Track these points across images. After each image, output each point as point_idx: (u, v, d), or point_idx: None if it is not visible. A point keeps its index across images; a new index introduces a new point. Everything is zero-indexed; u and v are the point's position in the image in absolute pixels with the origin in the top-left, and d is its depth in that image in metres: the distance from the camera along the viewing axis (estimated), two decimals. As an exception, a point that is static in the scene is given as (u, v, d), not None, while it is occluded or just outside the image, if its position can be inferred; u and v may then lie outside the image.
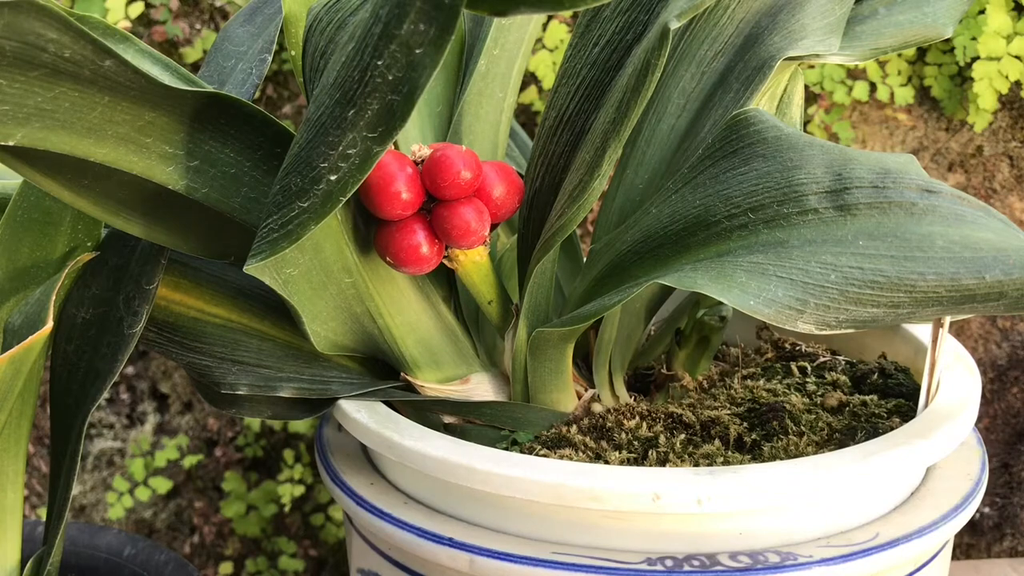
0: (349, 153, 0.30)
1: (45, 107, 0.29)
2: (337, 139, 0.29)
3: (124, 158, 0.32)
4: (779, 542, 0.36)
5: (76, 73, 0.28)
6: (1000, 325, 0.74)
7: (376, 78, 0.28)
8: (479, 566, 0.36)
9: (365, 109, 0.29)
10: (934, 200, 0.34)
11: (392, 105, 0.28)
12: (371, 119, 0.29)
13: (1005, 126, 0.72)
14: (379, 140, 0.29)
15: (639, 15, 0.37)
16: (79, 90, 0.29)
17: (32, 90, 0.28)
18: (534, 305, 0.40)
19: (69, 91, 0.29)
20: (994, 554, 0.78)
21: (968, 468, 0.41)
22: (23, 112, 0.29)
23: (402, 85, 0.28)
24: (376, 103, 0.29)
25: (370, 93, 0.29)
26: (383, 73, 0.28)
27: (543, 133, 0.39)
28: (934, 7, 0.45)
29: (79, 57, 0.28)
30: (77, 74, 0.29)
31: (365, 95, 0.29)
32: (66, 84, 0.29)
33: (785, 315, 0.33)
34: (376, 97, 0.29)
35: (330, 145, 0.30)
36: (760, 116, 0.37)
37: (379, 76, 0.28)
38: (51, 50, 0.27)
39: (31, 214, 0.41)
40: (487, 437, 0.41)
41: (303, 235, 0.32)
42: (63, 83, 0.29)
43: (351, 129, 0.29)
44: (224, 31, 0.43)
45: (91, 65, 0.28)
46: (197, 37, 0.67)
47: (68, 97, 0.29)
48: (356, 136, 0.29)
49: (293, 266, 0.37)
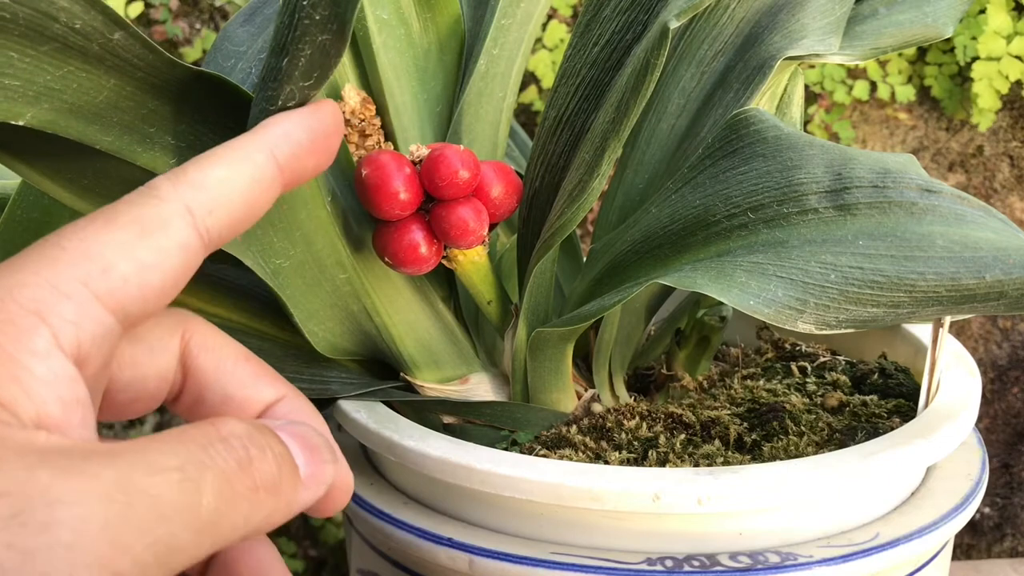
0: (289, 106, 0.30)
1: (54, 86, 0.29)
2: (275, 92, 0.29)
3: (129, 147, 0.32)
4: (779, 542, 0.36)
5: (85, 49, 0.28)
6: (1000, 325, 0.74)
7: (304, 19, 0.28)
8: (479, 566, 0.36)
9: (298, 56, 0.29)
10: (934, 200, 0.34)
11: (325, 45, 0.28)
12: (305, 66, 0.29)
13: (1005, 126, 0.72)
14: (315, 85, 0.29)
15: (639, 15, 0.37)
16: (87, 70, 0.29)
17: (42, 66, 0.28)
18: (534, 305, 0.40)
19: (77, 70, 0.29)
20: (994, 554, 0.78)
21: (968, 468, 0.41)
22: (33, 90, 0.29)
23: (331, 23, 0.28)
24: (308, 47, 0.28)
25: (300, 37, 0.28)
26: (310, 14, 0.28)
27: (542, 133, 0.39)
28: (934, 7, 0.45)
29: (89, 29, 0.28)
30: (86, 50, 0.28)
31: (296, 40, 0.29)
32: (75, 62, 0.29)
33: (785, 315, 0.33)
34: (307, 41, 0.28)
35: (269, 100, 0.29)
36: (760, 116, 0.37)
37: (307, 17, 0.28)
38: (62, 20, 0.27)
39: (31, 213, 0.41)
40: (487, 437, 0.41)
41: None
42: (72, 61, 0.29)
43: (287, 80, 0.29)
44: (224, 31, 0.43)
45: (100, 39, 0.28)
46: (197, 37, 0.67)
47: (76, 77, 0.29)
48: (293, 88, 0.29)
49: (282, 256, 0.36)
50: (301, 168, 0.28)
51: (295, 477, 0.25)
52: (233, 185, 0.27)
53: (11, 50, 0.27)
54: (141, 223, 0.25)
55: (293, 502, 0.25)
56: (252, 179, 0.27)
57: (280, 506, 0.24)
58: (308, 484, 0.25)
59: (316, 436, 0.26)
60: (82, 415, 0.23)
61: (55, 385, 0.22)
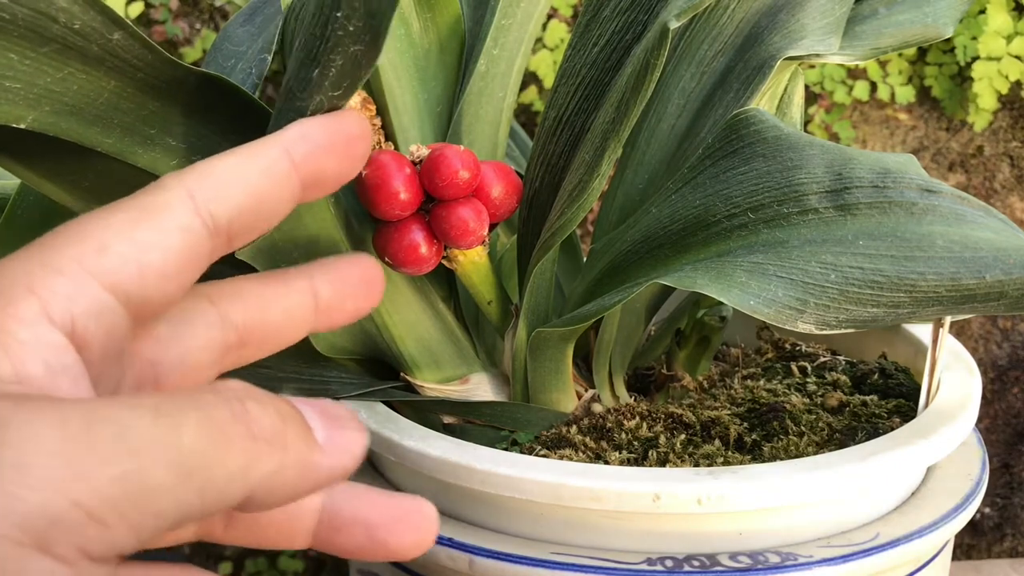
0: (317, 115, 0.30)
1: (55, 88, 0.29)
2: (304, 103, 0.29)
3: (129, 149, 0.32)
4: (779, 542, 0.36)
5: (85, 50, 0.28)
6: (1001, 325, 0.74)
7: (338, 31, 0.28)
8: (479, 566, 0.36)
9: (329, 67, 0.28)
10: (934, 200, 0.34)
11: (357, 56, 0.28)
12: (335, 76, 0.29)
13: (1005, 126, 0.72)
14: (344, 95, 0.29)
15: (639, 15, 0.37)
16: (87, 71, 0.29)
17: (42, 68, 0.28)
18: (534, 305, 0.40)
19: (77, 72, 0.29)
20: (994, 554, 0.78)
21: (968, 468, 0.41)
22: (34, 92, 0.29)
23: (364, 34, 0.28)
24: (340, 58, 0.28)
25: (333, 48, 0.28)
26: (343, 25, 0.28)
27: (542, 133, 0.39)
28: (934, 7, 0.45)
29: (88, 29, 0.28)
30: (86, 51, 0.28)
31: (328, 51, 0.28)
32: (75, 64, 0.29)
33: (785, 315, 0.33)
34: (339, 52, 0.28)
35: (298, 111, 0.29)
36: (760, 116, 0.37)
37: (340, 29, 0.28)
38: (62, 20, 0.27)
39: (31, 213, 0.41)
40: (487, 437, 0.41)
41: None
42: (72, 62, 0.29)
43: (317, 91, 0.29)
44: (224, 31, 0.43)
45: (100, 39, 0.28)
46: (197, 37, 0.67)
47: (76, 79, 0.29)
48: (322, 98, 0.29)
49: (287, 259, 0.36)
50: (319, 169, 0.27)
51: (307, 436, 0.23)
52: (239, 174, 0.26)
53: (11, 52, 0.27)
54: (141, 208, 0.24)
55: (310, 462, 0.23)
56: (261, 171, 0.26)
57: (290, 462, 0.22)
58: (328, 449, 0.23)
59: (338, 407, 0.25)
60: (71, 383, 0.22)
61: (39, 349, 0.22)
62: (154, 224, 0.24)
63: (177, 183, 0.25)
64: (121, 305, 0.24)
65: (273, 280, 0.28)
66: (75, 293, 0.23)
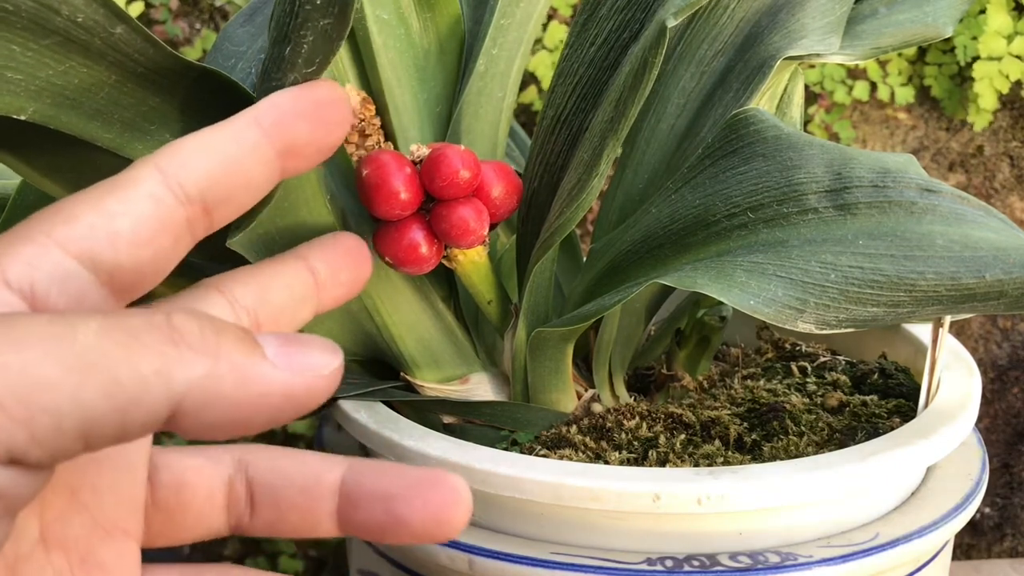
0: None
1: (56, 81, 0.29)
2: (280, 83, 0.29)
3: (129, 144, 0.32)
4: (779, 542, 0.36)
5: (87, 43, 0.28)
6: (1000, 325, 0.74)
7: (306, 5, 0.28)
8: (479, 566, 0.36)
9: (300, 43, 0.29)
10: (934, 199, 0.34)
11: (327, 30, 0.28)
12: (307, 52, 0.29)
13: (1005, 126, 0.72)
14: (317, 71, 0.29)
15: (636, 13, 0.37)
16: (89, 65, 0.29)
17: (44, 60, 0.28)
18: (533, 305, 0.40)
19: (79, 65, 0.29)
20: (994, 554, 0.78)
21: (968, 468, 0.41)
22: (35, 84, 0.29)
23: (332, 6, 0.28)
24: (310, 33, 0.28)
25: (302, 24, 0.28)
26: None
27: (541, 132, 0.39)
28: (934, 6, 0.45)
29: (91, 23, 0.28)
30: (88, 44, 0.28)
31: (298, 27, 0.29)
32: (77, 57, 0.29)
33: (785, 315, 0.33)
34: (309, 27, 0.28)
35: (272, 90, 0.29)
36: (760, 115, 0.37)
37: (308, 3, 0.28)
38: (64, 13, 0.27)
39: (31, 213, 0.41)
40: (487, 437, 0.41)
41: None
42: (74, 55, 0.29)
43: (291, 68, 0.29)
44: (224, 31, 0.43)
45: (102, 33, 0.28)
46: (197, 37, 0.67)
47: (78, 72, 0.29)
48: (296, 75, 0.29)
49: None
50: (292, 135, 0.27)
51: (248, 348, 0.22)
52: (207, 143, 0.26)
53: (14, 43, 0.27)
54: (111, 183, 0.25)
55: (252, 372, 0.22)
56: (228, 138, 0.26)
57: (224, 371, 0.21)
58: (281, 364, 0.22)
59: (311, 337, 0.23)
60: None
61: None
62: (122, 195, 0.25)
63: (146, 160, 0.26)
64: (89, 272, 0.24)
65: (272, 263, 0.29)
66: (36, 259, 0.23)
